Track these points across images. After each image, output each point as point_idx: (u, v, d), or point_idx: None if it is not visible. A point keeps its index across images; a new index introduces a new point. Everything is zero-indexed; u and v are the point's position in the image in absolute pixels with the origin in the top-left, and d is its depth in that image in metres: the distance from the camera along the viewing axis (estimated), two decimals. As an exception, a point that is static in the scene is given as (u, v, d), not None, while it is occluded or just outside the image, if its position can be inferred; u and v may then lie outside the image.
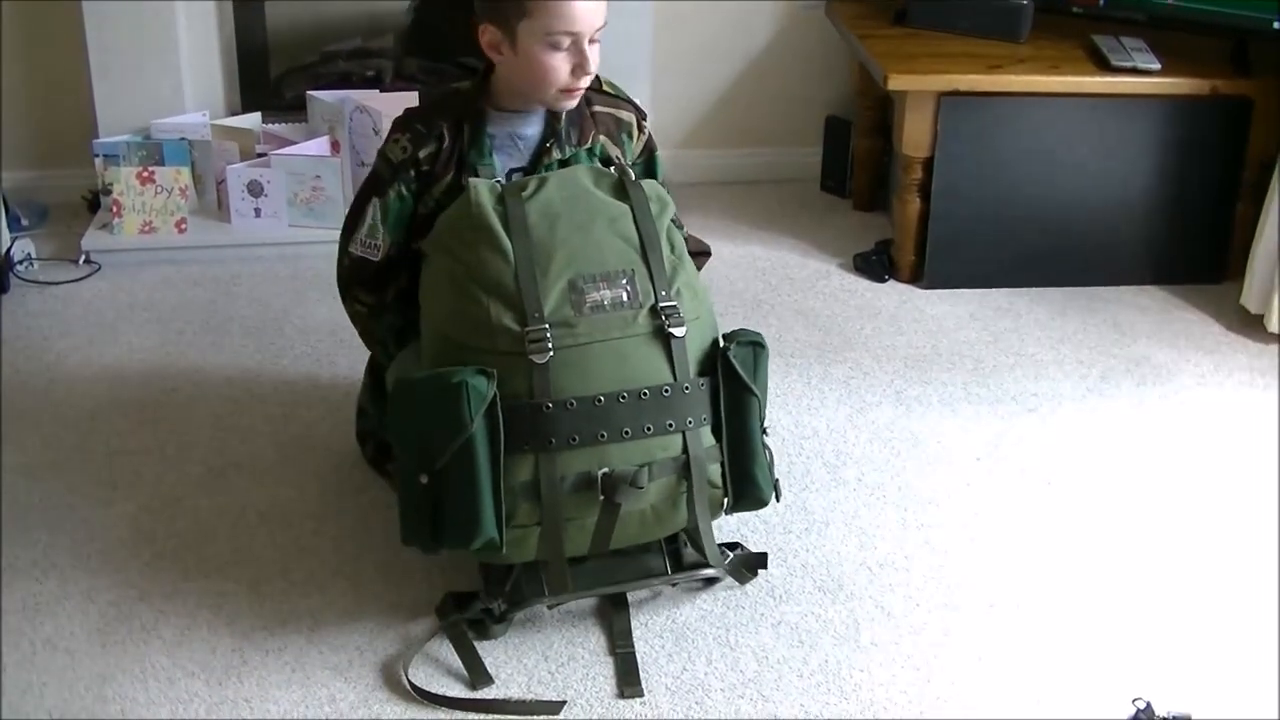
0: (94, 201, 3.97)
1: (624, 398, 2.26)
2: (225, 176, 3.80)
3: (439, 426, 2.20)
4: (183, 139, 3.89)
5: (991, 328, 3.54)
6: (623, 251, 2.35)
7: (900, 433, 3.04)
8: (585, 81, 2.45)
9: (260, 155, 3.90)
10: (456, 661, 2.31)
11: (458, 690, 2.25)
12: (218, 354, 3.29)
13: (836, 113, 4.32)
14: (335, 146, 3.92)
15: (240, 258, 3.79)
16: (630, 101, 2.67)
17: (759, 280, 3.73)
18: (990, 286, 3.75)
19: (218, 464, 2.86)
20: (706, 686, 2.28)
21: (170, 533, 2.64)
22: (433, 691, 2.23)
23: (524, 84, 2.45)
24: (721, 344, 2.38)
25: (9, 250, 3.66)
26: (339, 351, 3.30)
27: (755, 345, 2.40)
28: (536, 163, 2.53)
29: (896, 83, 3.60)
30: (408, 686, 2.24)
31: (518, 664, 2.31)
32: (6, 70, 3.99)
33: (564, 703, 2.23)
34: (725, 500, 2.41)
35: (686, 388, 2.31)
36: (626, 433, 2.26)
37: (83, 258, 3.75)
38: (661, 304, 2.32)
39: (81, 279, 3.67)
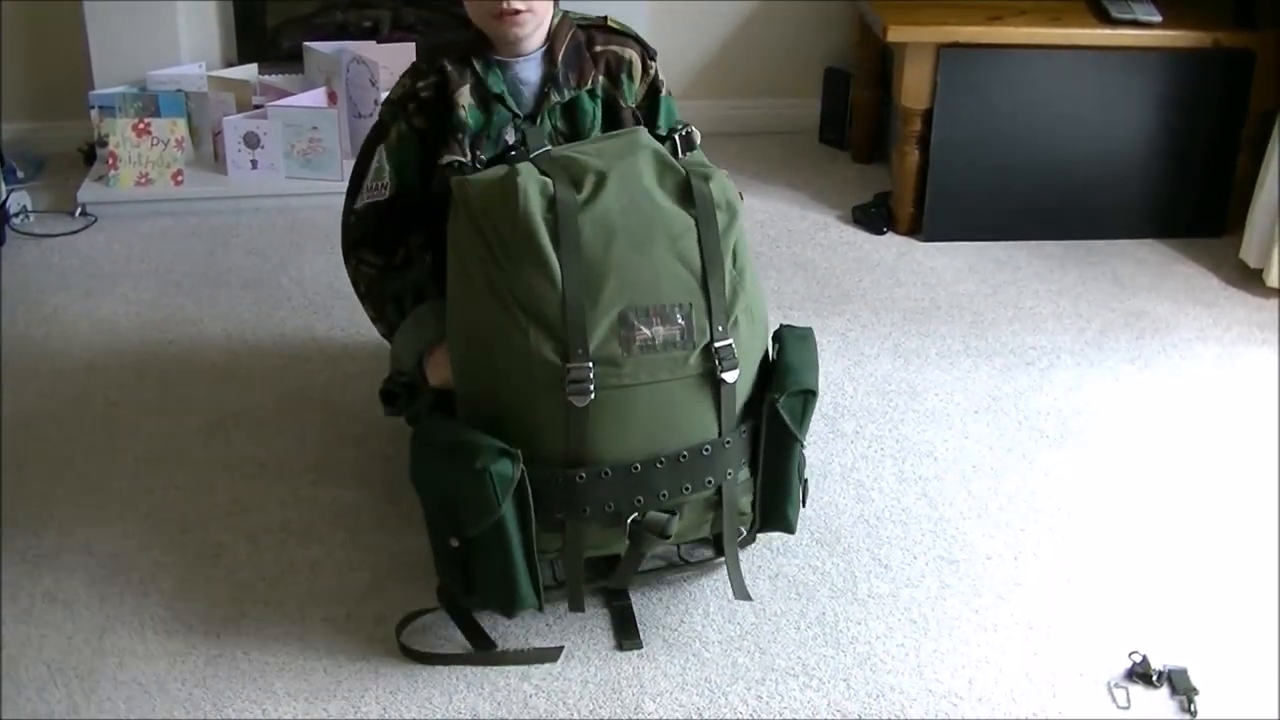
0: (90, 154, 3.95)
1: (662, 463, 2.16)
2: (222, 128, 3.79)
3: (465, 501, 2.11)
4: (179, 90, 3.88)
5: (990, 280, 3.53)
6: (682, 280, 2.15)
7: (898, 385, 3.04)
8: (512, 4, 2.33)
9: (257, 107, 3.89)
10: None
11: (455, 646, 2.26)
12: (215, 306, 3.29)
13: (835, 64, 4.30)
14: (332, 98, 3.91)
15: (237, 209, 3.78)
16: (636, 39, 2.59)
17: (757, 232, 3.72)
18: (989, 239, 3.74)
19: (215, 416, 2.86)
20: (704, 638, 2.29)
21: (168, 484, 2.64)
22: (430, 651, 2.23)
23: (474, 18, 2.42)
24: (772, 397, 2.25)
25: (5, 203, 3.65)
26: (336, 303, 3.29)
27: (806, 394, 2.29)
28: (538, 109, 2.47)
29: (896, 34, 3.58)
30: (401, 650, 2.24)
31: (516, 619, 2.31)
32: (3, 22, 3.97)
33: (561, 648, 2.24)
34: (753, 523, 2.37)
35: (728, 442, 2.22)
36: (664, 495, 2.19)
37: (79, 210, 3.74)
38: (717, 343, 2.16)
39: (78, 231, 3.67)
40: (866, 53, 4.12)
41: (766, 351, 2.32)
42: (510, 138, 2.45)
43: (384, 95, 3.78)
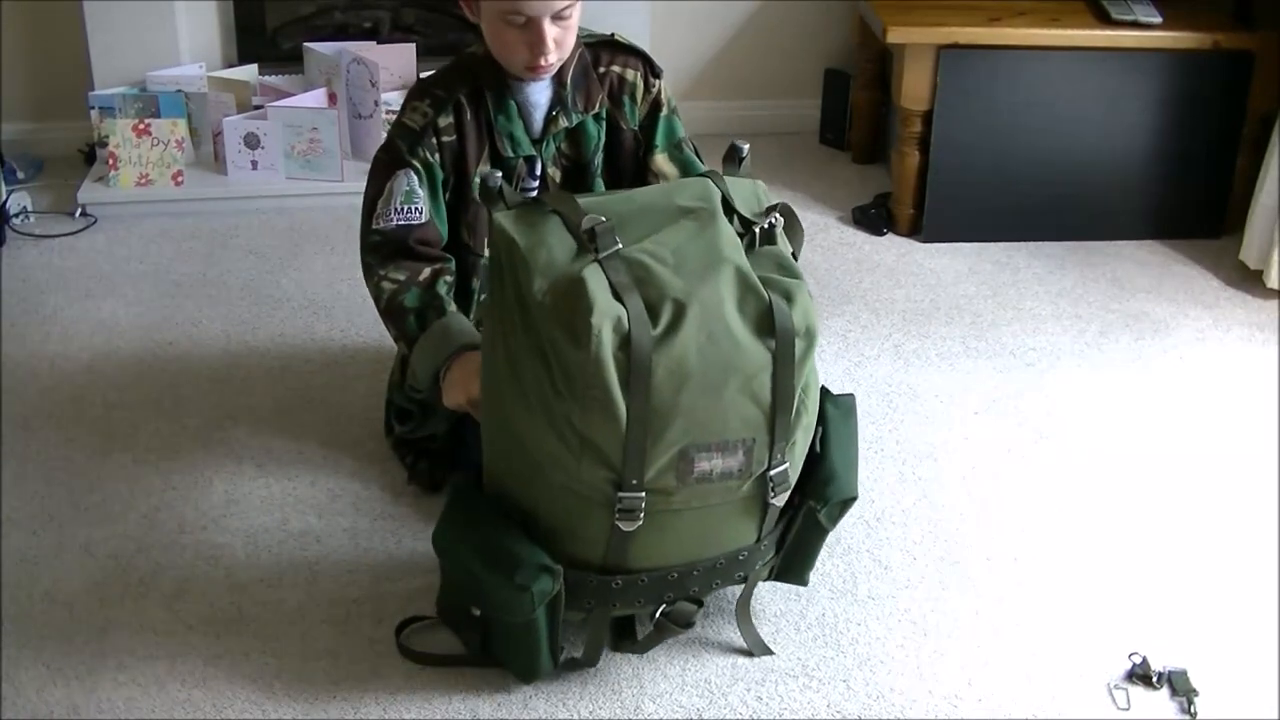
0: (90, 154, 3.95)
1: (699, 570, 2.12)
2: (222, 129, 3.79)
3: (497, 602, 2.07)
4: (179, 91, 3.88)
5: (990, 282, 3.53)
6: (750, 418, 2.00)
7: (898, 387, 3.04)
8: (549, 59, 2.33)
9: (257, 107, 3.89)
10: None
11: (455, 647, 2.26)
12: (214, 307, 3.29)
13: (836, 65, 4.30)
14: (332, 98, 3.91)
15: (237, 210, 3.78)
16: (640, 56, 2.57)
17: (757, 234, 3.71)
18: (989, 240, 3.74)
19: (214, 416, 2.85)
20: (703, 640, 2.29)
21: (167, 485, 2.64)
22: (430, 653, 2.23)
23: (494, 53, 2.40)
24: (813, 506, 2.18)
25: (4, 203, 3.65)
26: (336, 304, 3.29)
27: (846, 502, 2.22)
28: (544, 133, 2.48)
29: (895, 35, 3.58)
30: (400, 652, 2.24)
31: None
32: (3, 22, 3.97)
33: (562, 648, 2.23)
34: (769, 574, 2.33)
35: (764, 545, 2.18)
36: (695, 591, 2.16)
37: (79, 211, 3.73)
38: (773, 469, 2.06)
39: (78, 232, 3.66)
40: (866, 54, 4.12)
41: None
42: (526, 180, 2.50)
43: (383, 96, 3.83)
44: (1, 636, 2.25)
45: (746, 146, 2.24)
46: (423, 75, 2.59)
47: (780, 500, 2.11)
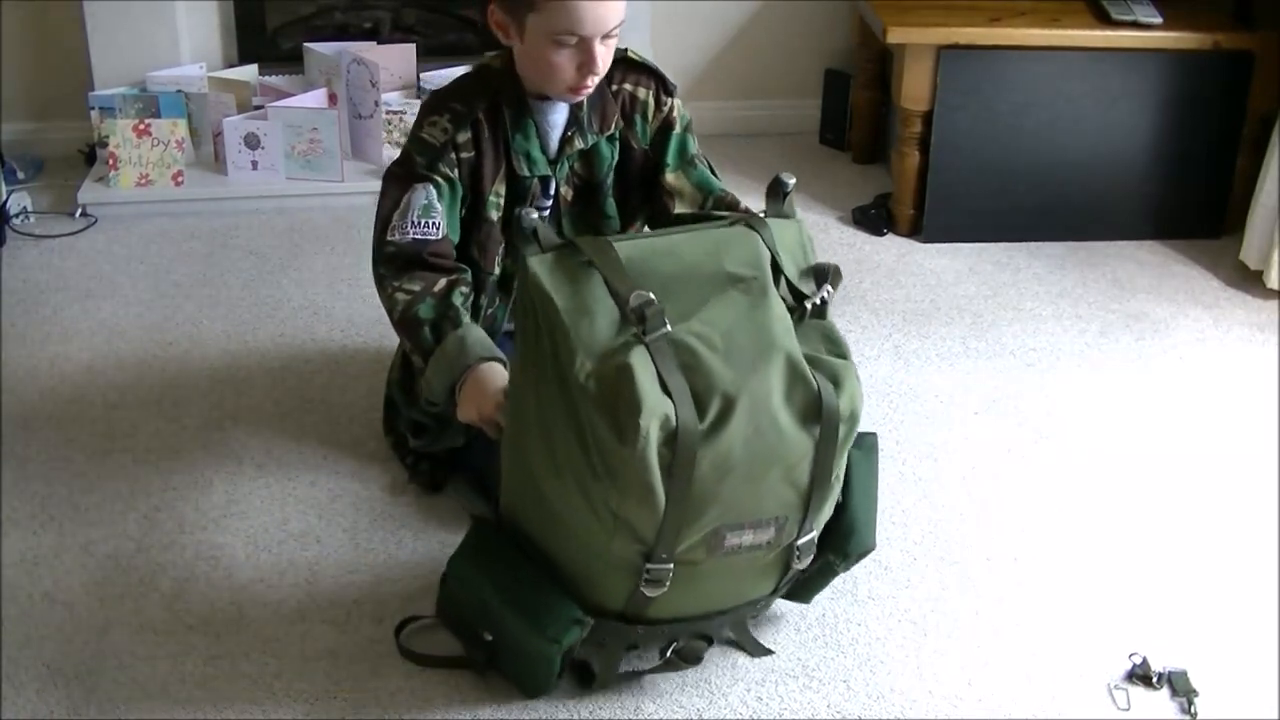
0: (90, 154, 3.95)
1: (715, 617, 2.13)
2: (222, 129, 3.79)
3: (519, 651, 2.08)
4: (179, 91, 3.88)
5: (990, 282, 3.53)
6: (786, 499, 1.99)
7: (898, 387, 3.04)
8: (593, 80, 2.32)
9: (257, 107, 3.89)
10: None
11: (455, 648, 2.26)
12: (214, 307, 3.29)
13: (836, 65, 4.30)
14: (332, 99, 3.91)
15: (237, 210, 3.78)
16: (653, 73, 2.53)
17: (757, 234, 3.71)
18: (989, 240, 3.74)
19: (215, 416, 2.85)
20: (704, 639, 2.29)
21: (167, 485, 2.64)
22: (430, 654, 2.22)
23: (530, 75, 2.37)
24: (832, 560, 2.18)
25: (5, 203, 3.65)
26: (336, 304, 3.29)
27: (863, 554, 2.23)
28: (560, 154, 2.45)
29: (896, 35, 3.58)
30: (400, 652, 2.24)
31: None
32: (3, 22, 3.97)
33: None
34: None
35: (780, 591, 2.20)
36: (708, 632, 2.17)
37: (79, 211, 3.73)
38: (801, 539, 2.06)
39: (78, 232, 3.66)
40: (867, 54, 4.12)
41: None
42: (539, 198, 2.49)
43: (383, 96, 3.83)
44: (1, 636, 2.25)
45: (792, 181, 2.18)
46: (438, 88, 2.54)
47: (804, 564, 2.12)
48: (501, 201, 2.48)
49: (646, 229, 2.61)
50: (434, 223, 2.38)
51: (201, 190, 3.80)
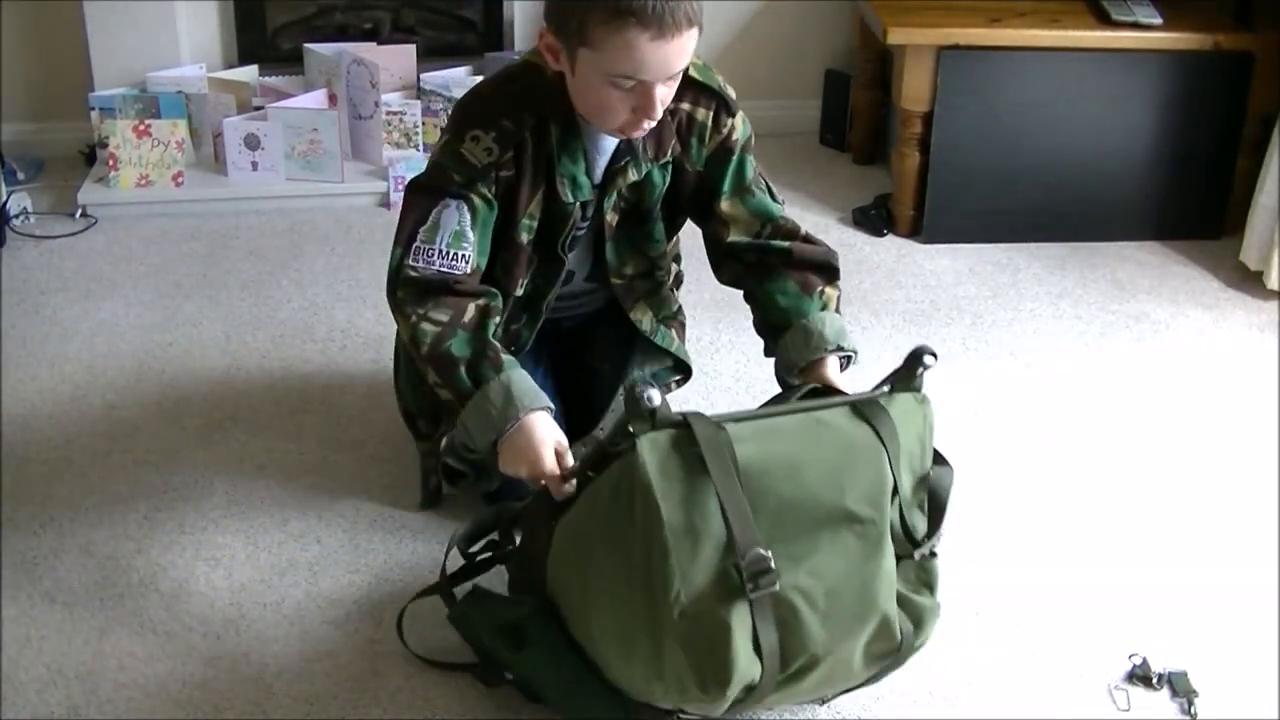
0: (90, 155, 3.95)
1: None
2: (222, 129, 3.79)
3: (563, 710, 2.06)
4: (179, 92, 3.88)
5: (990, 283, 3.53)
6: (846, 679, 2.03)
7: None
8: (650, 124, 2.13)
9: (257, 108, 3.89)
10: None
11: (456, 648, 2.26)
12: (214, 308, 3.28)
13: (836, 66, 4.30)
14: (332, 99, 3.91)
15: (237, 211, 3.78)
16: (715, 93, 2.34)
17: (757, 235, 3.71)
18: (989, 241, 3.74)
19: (215, 417, 2.85)
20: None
21: (167, 485, 2.64)
22: (433, 659, 2.22)
23: (579, 104, 2.16)
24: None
25: (5, 204, 3.65)
26: (336, 305, 3.29)
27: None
28: (611, 183, 2.30)
29: (896, 36, 3.58)
30: (403, 644, 2.24)
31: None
32: (3, 22, 3.97)
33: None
34: None
35: None
36: None
37: (79, 211, 3.73)
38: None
39: (78, 233, 3.66)
40: (867, 55, 4.12)
41: None
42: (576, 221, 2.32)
43: (383, 97, 3.83)
44: (1, 636, 2.25)
45: (934, 361, 2.08)
46: (478, 89, 2.33)
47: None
48: (535, 224, 2.30)
49: (758, 405, 2.23)
50: (464, 255, 2.20)
51: (201, 191, 3.80)
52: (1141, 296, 3.48)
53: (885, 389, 2.08)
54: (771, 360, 2.43)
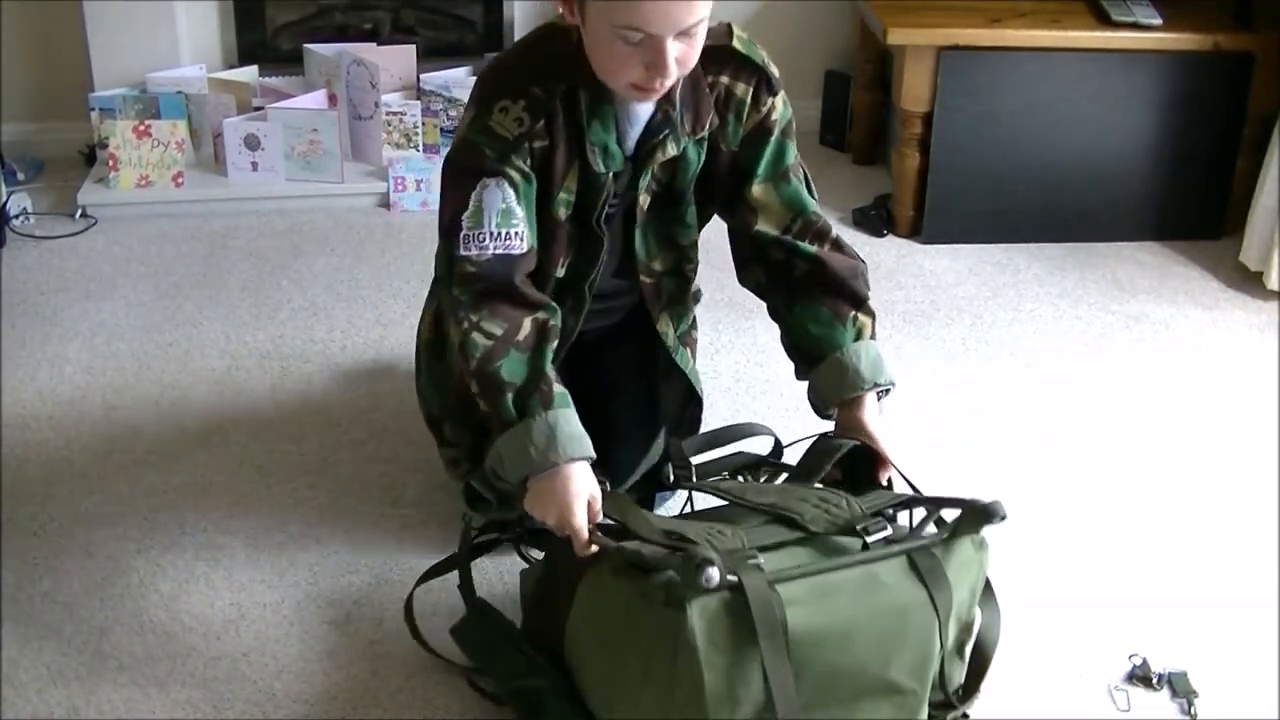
0: (90, 155, 3.95)
1: None
2: (222, 130, 3.79)
3: None
4: (179, 92, 3.88)
5: (990, 283, 3.53)
6: None
7: (898, 387, 3.03)
8: (664, 83, 2.00)
9: (257, 108, 3.89)
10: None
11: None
12: (214, 308, 3.28)
13: (836, 66, 4.30)
14: (332, 100, 3.91)
15: (237, 211, 3.78)
16: (758, 67, 2.23)
17: (757, 235, 3.71)
18: (989, 241, 3.74)
19: (214, 418, 2.85)
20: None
21: (167, 487, 2.64)
22: (439, 656, 2.22)
23: (593, 61, 2.04)
24: None
25: (5, 204, 3.65)
26: (336, 305, 3.29)
27: None
28: (642, 161, 2.18)
29: (896, 37, 3.58)
30: (411, 632, 2.23)
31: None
32: (3, 22, 3.97)
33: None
34: None
35: None
36: None
37: (79, 212, 3.73)
38: None
39: (78, 233, 3.66)
40: (867, 55, 4.12)
41: None
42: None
43: (383, 97, 3.83)
44: (1, 636, 2.25)
45: (1004, 518, 2.01)
46: (501, 56, 2.28)
47: None
48: (572, 199, 2.19)
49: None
50: (516, 231, 2.09)
51: (201, 191, 3.80)
52: (1141, 297, 3.48)
53: (944, 535, 2.01)
54: (804, 384, 2.38)
